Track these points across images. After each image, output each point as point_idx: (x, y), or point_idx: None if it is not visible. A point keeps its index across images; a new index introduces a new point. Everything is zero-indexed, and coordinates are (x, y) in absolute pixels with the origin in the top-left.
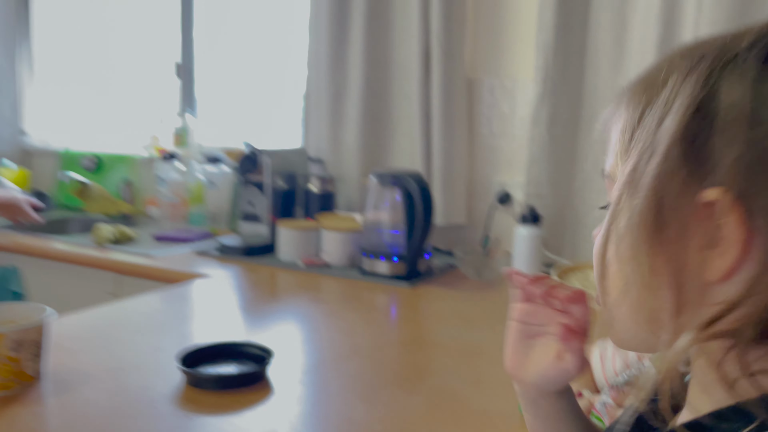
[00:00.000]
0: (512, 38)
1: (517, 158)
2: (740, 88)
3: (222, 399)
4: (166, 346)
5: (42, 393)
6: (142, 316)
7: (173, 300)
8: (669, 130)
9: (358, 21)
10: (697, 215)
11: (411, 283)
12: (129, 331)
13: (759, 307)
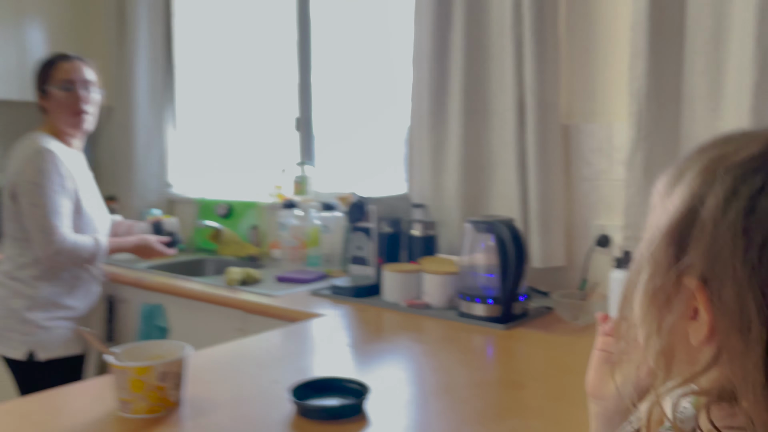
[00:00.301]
0: (606, 84)
1: (615, 201)
2: (718, 197)
3: (325, 428)
4: (282, 379)
5: (181, 417)
6: (264, 351)
7: (292, 337)
8: (669, 219)
9: (457, 76)
10: (681, 292)
11: (506, 326)
12: (252, 365)
13: (724, 372)
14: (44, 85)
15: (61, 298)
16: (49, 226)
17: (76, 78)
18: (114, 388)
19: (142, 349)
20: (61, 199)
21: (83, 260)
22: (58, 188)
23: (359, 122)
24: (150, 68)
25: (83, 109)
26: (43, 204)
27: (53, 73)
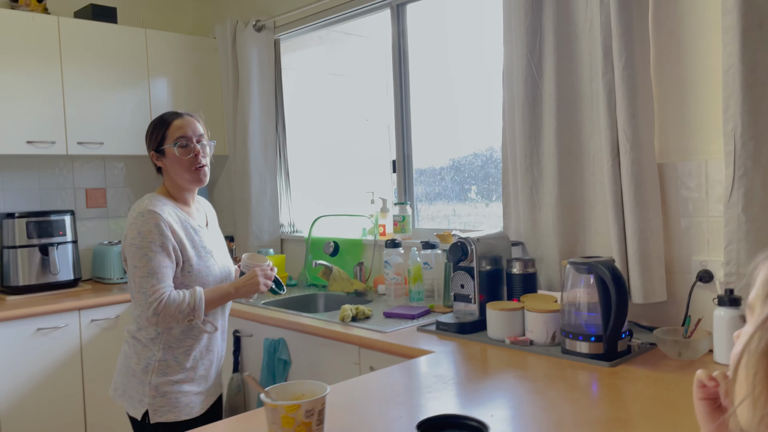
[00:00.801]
0: (699, 123)
1: (715, 238)
2: None
3: None
4: (405, 415)
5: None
6: (385, 387)
7: (407, 373)
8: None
9: (550, 120)
10: None
11: (610, 363)
12: (377, 400)
13: None
14: (160, 146)
15: (176, 362)
16: (147, 286)
17: (191, 133)
18: (268, 424)
19: (287, 389)
20: (161, 259)
21: (184, 315)
22: (157, 249)
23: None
24: (262, 120)
25: (202, 162)
26: (142, 265)
27: (168, 132)
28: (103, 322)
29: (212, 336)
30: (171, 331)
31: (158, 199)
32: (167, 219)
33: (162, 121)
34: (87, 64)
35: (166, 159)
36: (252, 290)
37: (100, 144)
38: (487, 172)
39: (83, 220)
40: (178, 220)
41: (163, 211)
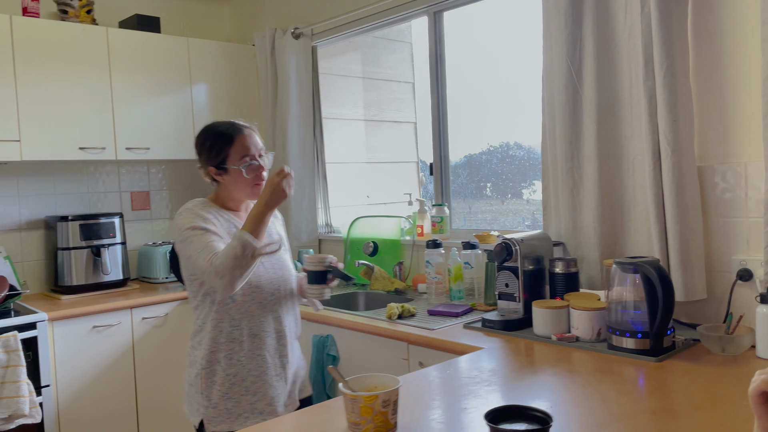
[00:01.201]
0: (738, 127)
1: (754, 238)
2: None
3: None
4: (468, 406)
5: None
6: (443, 381)
7: (461, 368)
8: None
9: (591, 125)
10: None
11: (657, 358)
12: (438, 392)
13: None
14: (223, 163)
15: (221, 368)
16: (201, 258)
17: (254, 151)
18: (346, 413)
19: (360, 381)
20: (207, 236)
21: (241, 255)
22: (199, 231)
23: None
24: (300, 124)
25: (263, 178)
26: (191, 252)
27: (232, 150)
28: (153, 320)
29: (259, 341)
30: (218, 346)
31: (201, 202)
32: (206, 215)
33: (224, 136)
34: (134, 73)
35: (227, 176)
36: (277, 196)
37: (147, 149)
38: (502, 169)
39: (128, 222)
40: (223, 221)
41: (202, 209)
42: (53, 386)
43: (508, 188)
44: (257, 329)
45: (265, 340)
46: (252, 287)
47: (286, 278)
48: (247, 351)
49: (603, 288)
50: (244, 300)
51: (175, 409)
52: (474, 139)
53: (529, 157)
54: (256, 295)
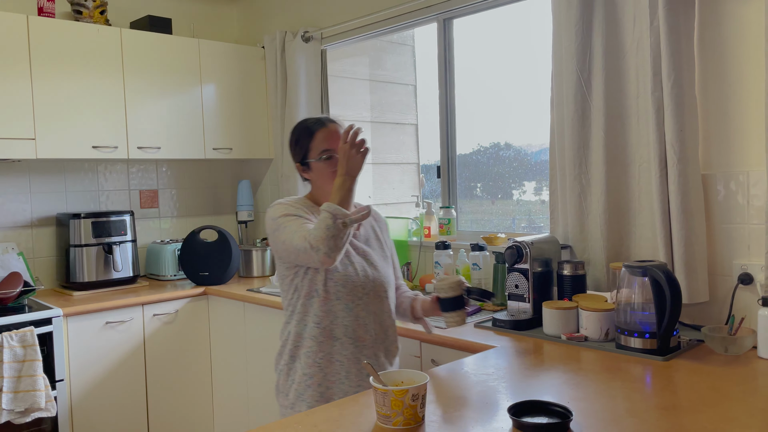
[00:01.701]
0: (741, 138)
1: (756, 243)
2: None
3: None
4: (490, 401)
5: (426, 429)
6: (463, 377)
7: (480, 365)
8: None
9: (599, 132)
10: None
11: (664, 358)
12: (460, 388)
13: None
14: (306, 159)
15: (300, 367)
16: (296, 239)
17: (335, 145)
18: (377, 406)
19: (388, 376)
20: (295, 222)
21: (332, 226)
22: (291, 218)
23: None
24: None
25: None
26: (285, 237)
27: (313, 144)
28: (164, 317)
29: (339, 345)
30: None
31: (295, 199)
32: (298, 208)
33: (306, 131)
34: (146, 73)
35: (312, 172)
36: (354, 162)
37: (158, 149)
38: (493, 169)
39: (138, 219)
40: (315, 218)
41: (294, 204)
42: (67, 381)
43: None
44: (339, 332)
45: (345, 345)
46: (338, 285)
47: (378, 283)
48: (326, 353)
49: (609, 290)
50: (327, 297)
51: (185, 405)
52: (465, 139)
53: (519, 158)
54: (342, 295)
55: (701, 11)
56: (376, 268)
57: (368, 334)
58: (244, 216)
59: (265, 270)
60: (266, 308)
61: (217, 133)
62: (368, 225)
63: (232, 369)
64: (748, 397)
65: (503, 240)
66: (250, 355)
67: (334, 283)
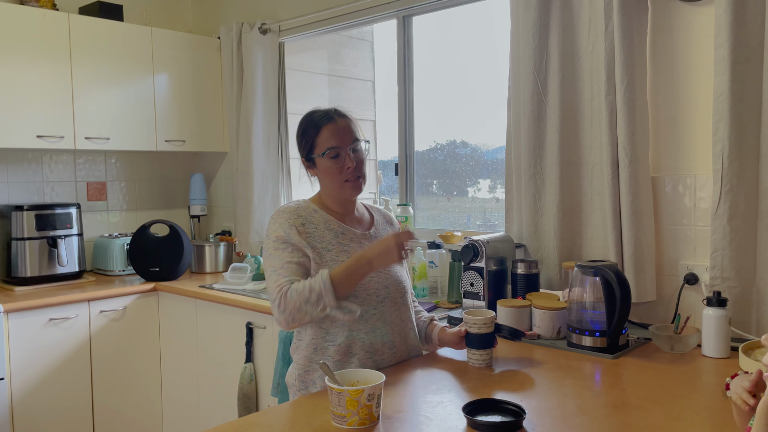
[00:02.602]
0: (690, 142)
1: (701, 244)
2: None
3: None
4: (444, 400)
5: (380, 429)
6: (418, 377)
7: (433, 363)
8: None
9: (554, 134)
10: None
11: (614, 355)
12: (415, 387)
13: None
14: (310, 154)
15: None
16: (270, 283)
17: (340, 142)
18: (332, 406)
19: (343, 376)
20: (285, 255)
21: (313, 304)
22: (280, 245)
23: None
24: (265, 120)
25: (355, 175)
26: (267, 265)
27: (318, 140)
28: (112, 314)
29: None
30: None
31: (301, 202)
32: (296, 223)
33: (313, 125)
34: (95, 61)
35: (316, 169)
36: (387, 257)
37: (107, 139)
38: (450, 167)
39: (84, 212)
40: (320, 225)
41: (296, 212)
42: (7, 380)
43: (454, 186)
44: (356, 347)
45: (363, 360)
46: (351, 296)
47: (394, 289)
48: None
49: (561, 288)
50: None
51: (132, 405)
52: (422, 136)
53: (475, 156)
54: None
55: (654, 17)
56: (390, 273)
57: (386, 347)
58: (196, 210)
59: (218, 266)
60: (219, 305)
61: (170, 125)
62: (382, 226)
63: (182, 368)
64: (693, 394)
65: (459, 238)
66: (202, 354)
67: (346, 298)
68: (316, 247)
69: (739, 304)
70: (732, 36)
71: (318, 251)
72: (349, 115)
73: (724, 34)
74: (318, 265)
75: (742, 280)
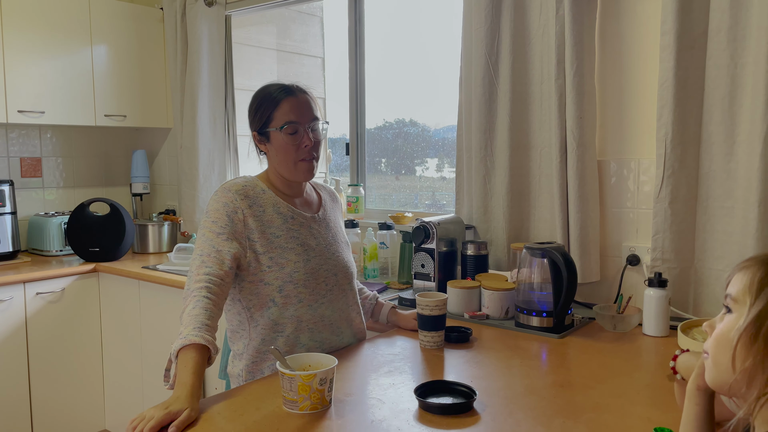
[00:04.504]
0: (635, 128)
1: (643, 227)
2: None
3: (444, 421)
4: (396, 382)
5: (332, 413)
6: (371, 358)
7: (387, 346)
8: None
9: (504, 117)
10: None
11: (559, 335)
12: (366, 369)
13: None
14: (265, 127)
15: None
16: (192, 269)
17: (302, 118)
18: (283, 391)
19: (295, 360)
20: (216, 241)
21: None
22: (215, 228)
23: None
24: (211, 95)
25: (312, 155)
26: (197, 244)
27: (276, 113)
28: (49, 296)
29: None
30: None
31: (249, 180)
32: (244, 200)
33: (270, 98)
34: (28, 30)
35: (270, 144)
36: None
37: (41, 113)
38: (400, 146)
39: (18, 189)
40: (268, 207)
41: (242, 190)
42: None
43: (402, 165)
44: (304, 337)
45: (312, 350)
46: (298, 286)
47: (342, 275)
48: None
49: (509, 269)
50: (287, 303)
51: (72, 392)
52: (371, 114)
53: (423, 135)
54: (304, 296)
55: (603, 3)
56: (338, 258)
57: (334, 333)
58: (139, 188)
59: (162, 246)
60: (163, 287)
61: (110, 99)
62: (329, 206)
63: (125, 353)
64: (634, 372)
65: (410, 219)
66: (146, 337)
67: (293, 285)
68: (264, 233)
69: (678, 285)
70: (677, 23)
71: (266, 237)
72: (310, 92)
73: (670, 21)
74: (266, 251)
75: (682, 262)
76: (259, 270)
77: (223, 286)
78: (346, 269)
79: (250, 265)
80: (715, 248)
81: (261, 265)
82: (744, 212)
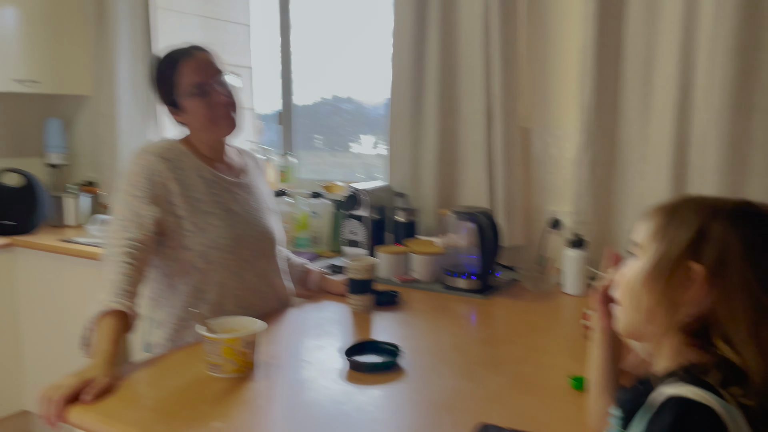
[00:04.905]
0: (558, 95)
1: (565, 191)
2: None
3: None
4: (324, 345)
5: (257, 376)
6: (300, 323)
7: (316, 310)
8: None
9: (433, 84)
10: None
11: (485, 296)
12: (296, 333)
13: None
14: (173, 97)
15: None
16: (110, 236)
17: (206, 77)
18: (207, 354)
19: (220, 323)
20: (136, 204)
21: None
22: (135, 192)
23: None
24: (132, 61)
25: (223, 107)
26: (115, 210)
27: (178, 80)
28: None
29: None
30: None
31: (169, 143)
32: (165, 163)
33: (168, 63)
34: None
35: (185, 113)
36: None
37: None
38: (335, 122)
39: None
40: (189, 170)
41: (162, 155)
42: None
43: (338, 141)
44: (229, 304)
45: (232, 313)
46: (222, 252)
47: (265, 240)
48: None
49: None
50: (210, 268)
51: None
52: (306, 91)
53: (359, 112)
54: (228, 261)
55: None
56: (262, 224)
57: (260, 299)
58: (53, 159)
59: (80, 218)
60: (83, 260)
61: (20, 63)
62: (253, 172)
63: (45, 331)
64: (553, 327)
65: (342, 188)
66: (67, 312)
67: (218, 251)
68: (186, 197)
69: (595, 246)
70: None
71: (188, 201)
72: (209, 48)
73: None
74: (187, 216)
75: (600, 224)
76: (180, 235)
77: (145, 251)
78: (269, 235)
79: (171, 230)
80: (630, 210)
81: (182, 230)
82: (656, 175)
